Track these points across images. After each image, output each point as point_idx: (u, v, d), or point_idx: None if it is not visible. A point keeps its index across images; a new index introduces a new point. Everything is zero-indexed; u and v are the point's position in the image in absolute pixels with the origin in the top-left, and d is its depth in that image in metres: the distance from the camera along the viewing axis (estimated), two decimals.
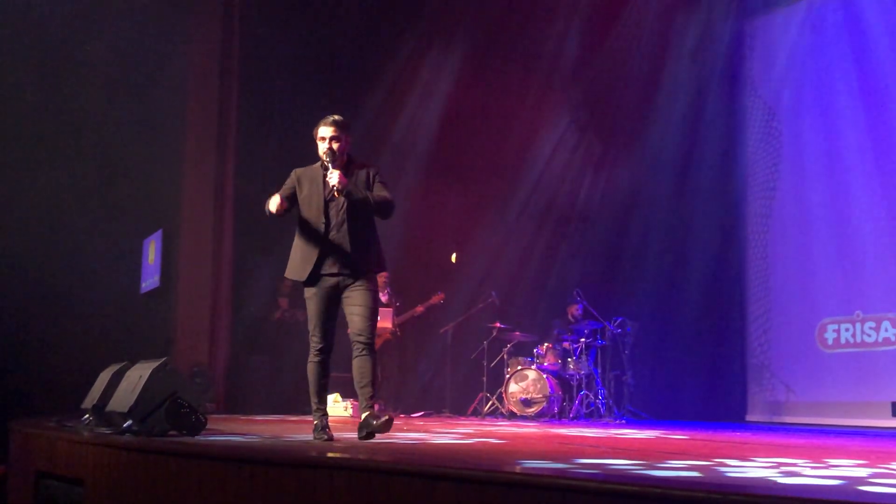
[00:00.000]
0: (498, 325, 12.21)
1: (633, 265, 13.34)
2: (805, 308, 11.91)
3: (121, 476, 5.08)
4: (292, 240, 6.17)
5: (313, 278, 6.01)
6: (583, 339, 11.72)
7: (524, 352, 12.11)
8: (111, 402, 6.49)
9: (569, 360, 11.70)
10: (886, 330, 10.97)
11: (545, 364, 11.66)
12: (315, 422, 6.11)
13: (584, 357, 11.66)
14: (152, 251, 12.78)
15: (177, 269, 12.33)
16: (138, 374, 6.15)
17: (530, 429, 8.63)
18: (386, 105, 13.34)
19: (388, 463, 3.82)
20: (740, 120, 13.03)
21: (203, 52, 12.67)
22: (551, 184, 14.04)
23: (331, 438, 5.86)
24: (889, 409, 10.30)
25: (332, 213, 5.98)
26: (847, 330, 11.40)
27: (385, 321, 11.77)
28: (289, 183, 6.18)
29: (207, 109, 12.64)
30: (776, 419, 11.88)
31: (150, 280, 12.79)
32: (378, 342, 11.71)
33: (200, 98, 12.66)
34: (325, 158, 5.91)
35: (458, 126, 13.71)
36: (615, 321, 11.87)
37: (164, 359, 6.18)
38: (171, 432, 5.85)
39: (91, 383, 7.46)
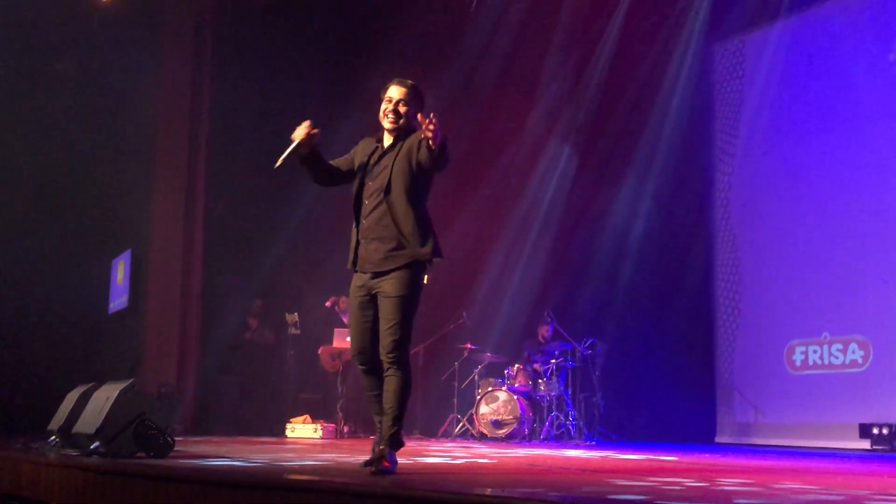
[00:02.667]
0: (469, 346, 12.21)
1: (604, 287, 13.37)
2: (773, 330, 11.98)
3: (87, 499, 5.02)
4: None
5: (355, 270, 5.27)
6: (553, 361, 11.73)
7: (495, 373, 12.10)
8: (78, 423, 6.44)
9: (539, 381, 11.71)
10: (853, 352, 11.06)
11: (516, 385, 11.66)
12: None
13: (554, 378, 11.67)
14: (121, 271, 12.71)
15: (146, 289, 12.26)
16: (105, 396, 6.10)
17: (501, 450, 8.61)
18: (361, 122, 13.32)
19: (358, 485, 3.80)
20: (712, 141, 13.13)
21: (174, 71, 12.66)
22: (523, 205, 14.08)
23: (369, 464, 4.99)
24: (857, 430, 10.36)
25: (365, 195, 5.25)
26: (815, 352, 11.48)
27: None
28: (350, 155, 5.48)
29: (177, 128, 12.61)
30: (745, 441, 11.93)
31: (118, 300, 12.72)
32: (339, 363, 11.74)
33: (171, 117, 12.63)
34: (383, 122, 5.25)
35: None
36: (585, 342, 11.89)
37: (131, 380, 6.13)
38: (139, 454, 5.81)
39: (58, 404, 7.39)
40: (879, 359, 10.77)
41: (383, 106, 5.28)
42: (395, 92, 5.28)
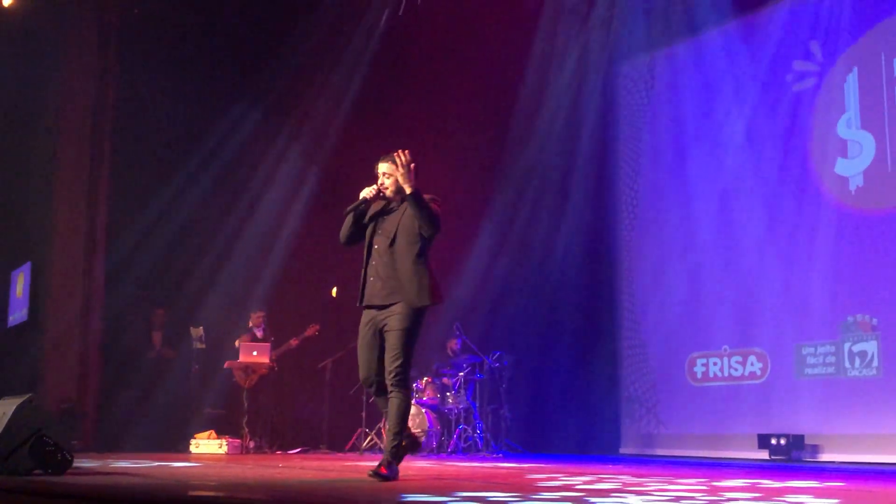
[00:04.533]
0: None
1: (510, 301, 13.48)
2: (675, 342, 12.22)
3: None
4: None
5: (365, 305, 6.08)
6: (461, 374, 11.78)
7: None
8: None
9: (448, 394, 11.74)
10: (752, 364, 11.34)
11: (424, 398, 11.68)
12: None
13: (462, 391, 11.72)
14: (20, 284, 12.41)
15: (46, 302, 11.96)
16: (1, 411, 5.96)
17: (408, 464, 8.61)
18: (264, 123, 13.23)
19: (263, 501, 3.78)
20: (612, 157, 13.35)
21: (77, 82, 12.39)
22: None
23: (376, 474, 5.53)
24: (756, 441, 10.62)
25: (376, 239, 6.07)
26: (715, 364, 11.75)
27: (263, 356, 11.65)
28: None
29: (80, 140, 12.35)
30: (648, 451, 12.13)
31: (17, 314, 12.41)
32: (254, 378, 11.67)
33: (73, 126, 12.36)
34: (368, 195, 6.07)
35: (339, 162, 13.64)
36: (493, 355, 11.97)
37: (29, 395, 5.99)
38: (35, 471, 5.68)
39: None
40: (777, 371, 11.07)
41: (380, 181, 6.11)
42: (383, 167, 6.14)
